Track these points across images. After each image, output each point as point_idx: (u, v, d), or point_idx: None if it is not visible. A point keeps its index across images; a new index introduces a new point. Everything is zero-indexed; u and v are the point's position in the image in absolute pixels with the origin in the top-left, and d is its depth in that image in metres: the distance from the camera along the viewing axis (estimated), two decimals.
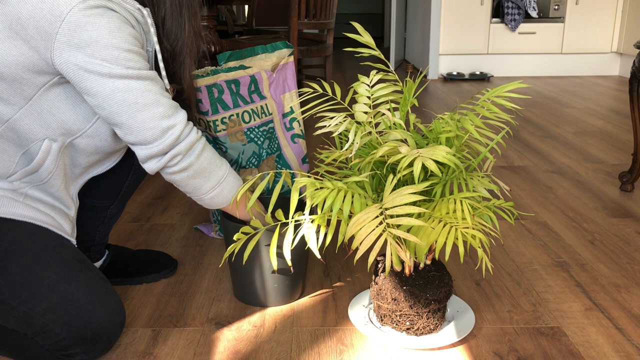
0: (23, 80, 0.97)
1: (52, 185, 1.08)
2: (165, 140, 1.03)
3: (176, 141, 1.04)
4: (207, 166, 1.10)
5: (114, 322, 1.05)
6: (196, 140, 1.07)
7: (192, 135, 1.06)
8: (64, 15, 0.91)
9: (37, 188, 1.07)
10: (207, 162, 1.10)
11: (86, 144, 1.08)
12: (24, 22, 0.92)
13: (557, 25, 4.55)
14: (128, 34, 0.97)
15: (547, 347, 1.12)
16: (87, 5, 0.93)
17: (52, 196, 1.09)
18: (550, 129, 2.89)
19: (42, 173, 1.05)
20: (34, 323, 0.99)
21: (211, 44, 2.89)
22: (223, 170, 1.14)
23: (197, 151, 1.08)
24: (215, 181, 1.12)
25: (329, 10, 3.01)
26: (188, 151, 1.06)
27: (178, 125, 1.04)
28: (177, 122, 1.03)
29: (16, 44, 0.94)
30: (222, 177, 1.13)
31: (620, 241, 1.60)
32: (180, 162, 1.06)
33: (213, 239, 1.63)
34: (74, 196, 1.15)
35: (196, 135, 1.07)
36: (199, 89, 1.45)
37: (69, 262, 1.04)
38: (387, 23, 7.38)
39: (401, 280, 1.11)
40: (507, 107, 1.16)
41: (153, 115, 1.00)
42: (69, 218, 1.12)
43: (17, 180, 1.05)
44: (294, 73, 1.66)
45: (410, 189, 0.97)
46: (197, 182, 1.11)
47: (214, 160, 1.12)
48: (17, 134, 1.01)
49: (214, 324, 1.21)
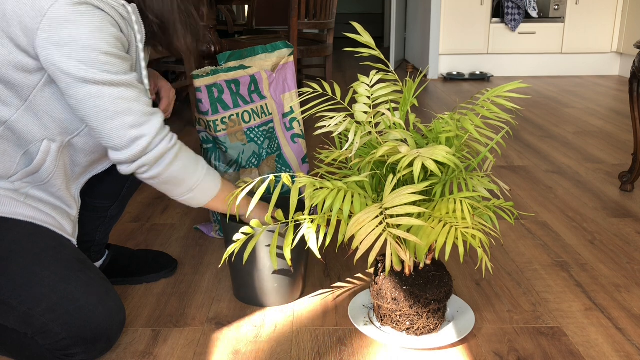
0: (16, 80, 0.97)
1: (53, 185, 1.08)
2: (132, 149, 1.01)
3: (143, 152, 1.02)
4: (178, 175, 1.08)
5: (114, 322, 1.05)
6: (166, 150, 1.04)
7: (161, 146, 1.04)
8: (45, 10, 0.90)
9: (39, 188, 1.07)
10: (177, 172, 1.08)
11: (84, 142, 1.08)
12: (8, 18, 0.92)
13: (557, 25, 4.54)
14: (109, 34, 0.95)
15: (547, 347, 1.12)
16: (70, 1, 0.91)
17: (53, 196, 1.09)
18: (550, 129, 2.89)
19: (43, 173, 1.05)
20: (34, 323, 0.99)
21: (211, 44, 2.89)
22: (196, 177, 1.11)
23: (166, 162, 1.05)
24: (186, 188, 1.11)
25: (329, 10, 3.01)
26: (156, 162, 1.04)
27: (146, 137, 1.01)
28: (146, 132, 1.01)
29: (3, 42, 0.94)
30: (195, 184, 1.11)
31: (620, 241, 1.60)
32: (148, 172, 1.05)
33: (213, 239, 1.63)
34: (75, 195, 1.15)
35: (167, 146, 1.04)
36: (199, 89, 1.45)
37: (69, 262, 1.04)
38: (387, 23, 7.38)
39: (401, 280, 1.11)
40: (507, 107, 1.16)
41: (122, 124, 0.99)
42: (70, 218, 1.12)
43: (19, 181, 1.05)
44: (294, 73, 1.66)
45: (410, 188, 0.97)
46: (167, 187, 1.10)
47: (187, 169, 1.09)
48: (16, 135, 1.01)
49: (214, 324, 1.21)
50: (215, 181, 1.15)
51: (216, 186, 1.15)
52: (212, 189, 1.15)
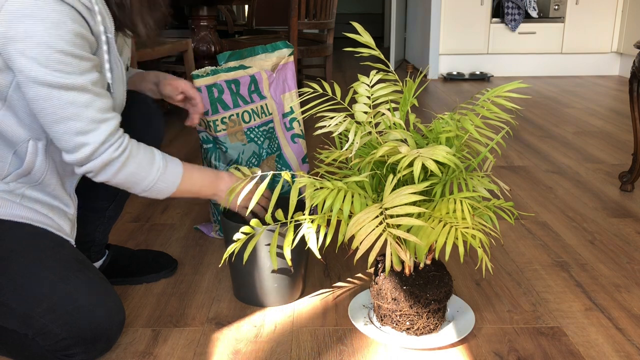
0: None
1: (48, 184, 1.07)
2: (77, 155, 1.00)
3: (88, 159, 1.00)
4: (127, 180, 1.06)
5: (114, 322, 1.05)
6: (110, 159, 1.02)
7: (105, 156, 1.01)
8: (2, 2, 0.88)
9: (34, 188, 1.06)
10: (126, 178, 1.06)
11: None
12: None
13: (557, 25, 4.54)
14: (68, 31, 0.91)
15: (547, 347, 1.12)
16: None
17: (49, 195, 1.09)
18: (550, 129, 2.89)
19: (36, 174, 1.05)
20: (33, 324, 0.99)
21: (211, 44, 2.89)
22: (148, 181, 1.09)
23: (112, 170, 1.03)
24: (139, 190, 1.09)
25: (329, 10, 3.01)
26: (101, 169, 1.03)
27: (91, 145, 0.99)
28: (91, 140, 0.98)
29: None
30: (148, 186, 1.09)
31: (620, 241, 1.60)
32: (95, 177, 1.04)
33: (213, 239, 1.63)
34: (71, 193, 1.14)
35: (111, 155, 1.02)
36: (199, 89, 1.45)
37: (68, 263, 1.04)
38: (387, 23, 7.37)
39: (401, 280, 1.11)
40: (507, 107, 1.16)
41: (68, 130, 0.97)
42: (67, 217, 1.12)
43: (13, 182, 1.04)
44: (294, 73, 1.66)
45: (410, 189, 0.97)
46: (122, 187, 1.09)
47: (138, 174, 1.07)
48: (3, 137, 1.01)
49: (214, 324, 1.21)
50: (174, 177, 1.12)
51: (174, 183, 1.12)
52: (169, 187, 1.12)
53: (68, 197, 1.13)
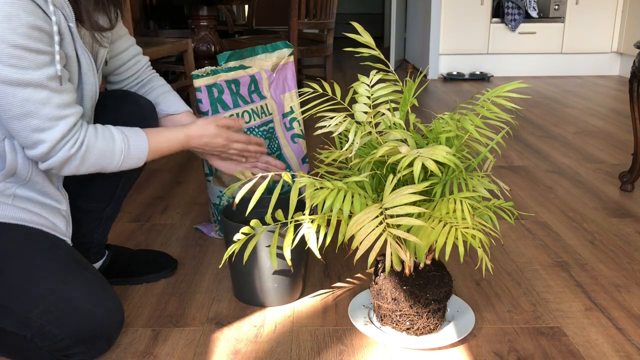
0: None
1: (36, 182, 1.06)
2: (35, 151, 0.99)
3: (46, 156, 0.99)
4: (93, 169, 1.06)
5: (113, 322, 1.05)
6: (68, 156, 1.01)
7: (62, 153, 1.00)
8: None
9: (24, 187, 1.05)
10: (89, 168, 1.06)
11: None
12: None
13: (557, 25, 4.54)
14: (22, 24, 0.88)
15: (547, 347, 1.12)
16: None
17: (40, 193, 1.08)
18: (550, 129, 2.89)
19: (21, 172, 1.04)
20: (32, 325, 0.98)
21: (211, 44, 2.89)
22: (114, 164, 1.08)
23: (74, 165, 1.03)
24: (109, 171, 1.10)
25: (329, 10, 3.01)
26: (62, 166, 1.02)
27: (47, 143, 0.97)
28: (47, 138, 0.97)
29: None
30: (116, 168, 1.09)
31: (620, 241, 1.60)
32: (60, 172, 1.04)
33: (213, 239, 1.63)
34: (60, 188, 1.13)
35: (68, 152, 1.00)
36: (199, 89, 1.45)
37: (64, 263, 1.04)
38: (387, 23, 7.37)
39: (401, 280, 1.11)
40: (507, 107, 1.16)
41: (25, 127, 0.95)
42: (61, 214, 1.12)
43: (1, 182, 1.03)
44: (294, 73, 1.66)
45: (410, 188, 0.97)
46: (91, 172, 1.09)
47: (101, 162, 1.06)
48: None
49: (214, 324, 1.21)
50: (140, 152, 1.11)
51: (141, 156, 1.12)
52: (139, 161, 1.12)
53: (58, 192, 1.12)
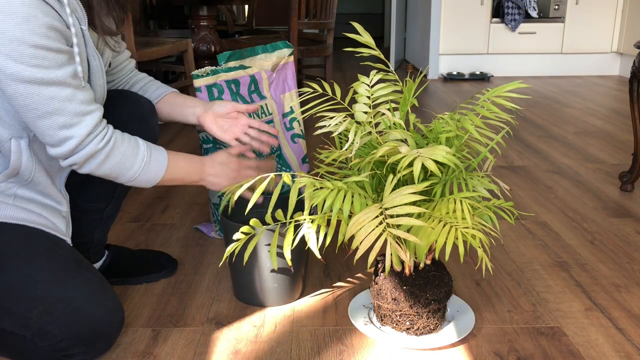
0: None
1: (38, 183, 1.06)
2: (62, 148, 1.00)
3: (72, 152, 1.00)
4: (112, 172, 1.07)
5: (113, 322, 1.05)
6: (95, 151, 1.02)
7: (90, 147, 1.01)
8: None
9: (25, 187, 1.05)
10: (110, 169, 1.06)
11: None
12: None
13: (557, 25, 4.54)
14: (40, 24, 0.89)
15: (547, 347, 1.12)
16: None
17: (41, 194, 1.08)
18: (550, 129, 2.89)
19: (24, 173, 1.04)
20: (32, 325, 0.98)
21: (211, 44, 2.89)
22: (133, 171, 1.09)
23: (97, 161, 1.04)
24: (125, 180, 1.10)
25: (329, 10, 3.01)
26: (86, 161, 1.03)
27: (75, 138, 0.99)
28: (75, 134, 0.99)
29: None
30: (133, 177, 1.10)
31: (620, 241, 1.60)
32: (80, 169, 1.04)
33: (213, 239, 1.63)
34: (62, 190, 1.14)
35: (96, 147, 1.02)
36: (199, 89, 1.45)
37: (64, 263, 1.04)
38: (387, 23, 7.37)
39: (401, 280, 1.11)
40: (507, 107, 1.16)
41: (52, 124, 0.96)
42: (61, 214, 1.12)
43: (3, 182, 1.03)
44: (294, 73, 1.66)
45: (410, 188, 0.97)
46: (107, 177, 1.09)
47: (123, 164, 1.07)
48: None
49: (214, 324, 1.21)
50: (159, 167, 1.13)
51: (159, 172, 1.13)
52: (155, 176, 1.12)
53: (59, 194, 1.12)
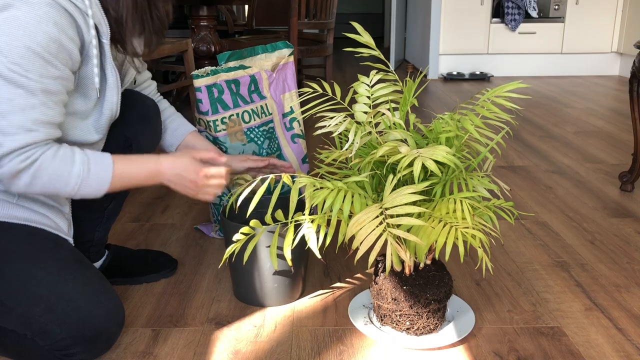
0: None
1: None
2: None
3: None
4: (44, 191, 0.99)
5: (113, 321, 1.05)
6: (18, 170, 0.94)
7: (12, 165, 0.93)
8: None
9: None
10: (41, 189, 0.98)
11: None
12: None
13: (557, 25, 4.54)
14: (45, 34, 0.90)
15: (547, 347, 1.12)
16: None
17: (44, 195, 1.08)
18: (550, 129, 2.89)
19: None
20: (32, 324, 0.99)
21: (211, 44, 2.89)
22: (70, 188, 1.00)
23: (23, 182, 0.96)
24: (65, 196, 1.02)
25: (329, 10, 3.01)
26: (11, 180, 0.95)
27: (2, 147, 0.91)
28: (5, 143, 0.91)
29: None
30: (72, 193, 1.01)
31: (620, 241, 1.60)
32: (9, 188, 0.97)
33: (213, 239, 1.63)
34: None
35: (19, 165, 0.93)
36: (199, 89, 1.45)
37: (66, 262, 1.04)
38: (387, 23, 7.37)
39: (401, 280, 1.11)
40: (507, 107, 1.16)
41: None
42: (64, 216, 1.12)
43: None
44: (294, 73, 1.66)
45: (410, 188, 0.97)
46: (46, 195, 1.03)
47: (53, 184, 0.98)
48: None
49: (214, 324, 1.21)
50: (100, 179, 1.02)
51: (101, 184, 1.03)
52: (98, 189, 1.03)
53: (62, 197, 1.12)
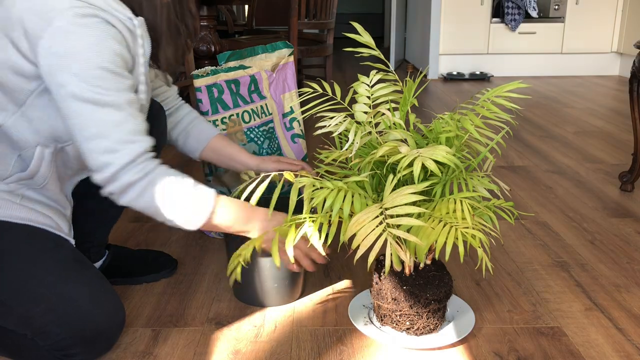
0: (13, 84, 0.96)
1: (48, 189, 1.08)
2: (102, 174, 0.97)
3: (111, 179, 0.98)
4: (149, 207, 1.01)
5: (113, 322, 1.05)
6: (132, 182, 0.98)
7: (127, 177, 0.97)
8: (51, 19, 0.90)
9: (34, 190, 1.07)
10: (147, 204, 1.00)
11: (77, 150, 1.06)
12: (13, 22, 0.92)
13: (557, 25, 4.54)
14: (110, 49, 0.94)
15: (547, 347, 1.12)
16: (76, 13, 0.90)
17: (48, 198, 1.09)
18: (550, 129, 2.89)
19: (38, 179, 1.05)
20: (33, 324, 0.99)
21: (211, 44, 2.89)
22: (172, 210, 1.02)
23: (134, 194, 0.99)
24: (163, 219, 1.03)
25: (329, 10, 3.01)
26: (122, 192, 0.99)
27: (114, 165, 0.96)
28: (115, 161, 0.96)
29: (2, 44, 0.93)
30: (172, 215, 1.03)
31: (620, 241, 1.60)
32: (118, 199, 1.00)
33: (213, 239, 1.63)
34: (68, 196, 1.15)
35: (132, 177, 0.98)
36: (199, 89, 1.45)
37: (67, 263, 1.04)
38: (387, 23, 7.37)
39: (401, 280, 1.11)
40: (507, 107, 1.16)
41: (96, 147, 0.95)
42: (65, 217, 1.12)
43: (14, 183, 1.04)
44: (294, 73, 1.66)
45: (410, 188, 0.97)
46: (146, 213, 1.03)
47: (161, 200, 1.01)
48: (9, 140, 1.01)
49: (214, 324, 1.21)
50: (201, 209, 1.04)
51: (201, 215, 1.04)
52: (196, 219, 1.04)
53: (65, 199, 1.13)
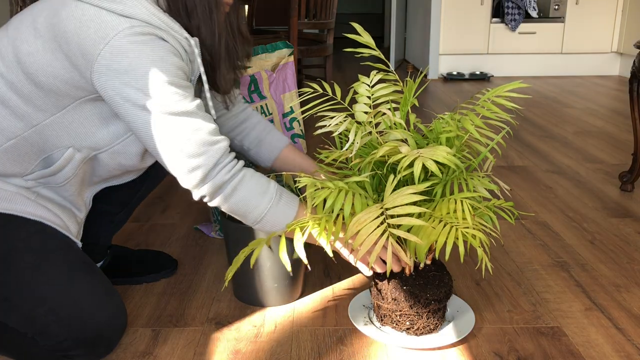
0: (60, 91, 0.97)
1: (67, 189, 1.08)
2: (190, 180, 0.99)
3: (202, 182, 0.99)
4: (238, 207, 1.03)
5: (115, 326, 1.05)
6: (224, 182, 1.01)
7: (219, 177, 1.00)
8: (109, 38, 0.90)
9: (51, 189, 1.07)
10: (237, 204, 1.03)
11: (110, 159, 1.07)
12: (68, 37, 0.92)
13: (557, 25, 4.54)
14: (171, 64, 0.95)
15: (547, 347, 1.12)
16: (134, 31, 0.91)
17: (64, 198, 1.09)
18: (550, 129, 2.89)
19: (59, 178, 1.05)
20: (35, 323, 0.99)
21: None
22: (259, 211, 1.04)
23: (225, 193, 1.01)
24: (251, 221, 1.06)
25: (329, 10, 3.01)
26: (215, 193, 1.01)
27: (203, 167, 0.98)
28: (203, 163, 0.98)
29: (58, 57, 0.94)
30: (259, 217, 1.05)
31: (620, 241, 1.60)
32: (210, 201, 1.03)
33: (213, 239, 1.63)
34: (87, 201, 1.16)
35: (224, 177, 1.00)
36: None
37: (74, 264, 1.04)
38: (387, 23, 7.37)
39: (401, 280, 1.11)
40: (508, 107, 1.16)
41: (179, 154, 0.97)
42: (76, 220, 1.13)
43: (33, 180, 1.05)
44: (294, 73, 1.66)
45: (410, 189, 0.97)
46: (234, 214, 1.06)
47: (249, 201, 1.03)
48: (42, 139, 1.01)
49: (214, 324, 1.21)
50: (286, 212, 1.06)
51: (285, 219, 1.06)
52: (281, 221, 1.06)
53: (82, 203, 1.14)
